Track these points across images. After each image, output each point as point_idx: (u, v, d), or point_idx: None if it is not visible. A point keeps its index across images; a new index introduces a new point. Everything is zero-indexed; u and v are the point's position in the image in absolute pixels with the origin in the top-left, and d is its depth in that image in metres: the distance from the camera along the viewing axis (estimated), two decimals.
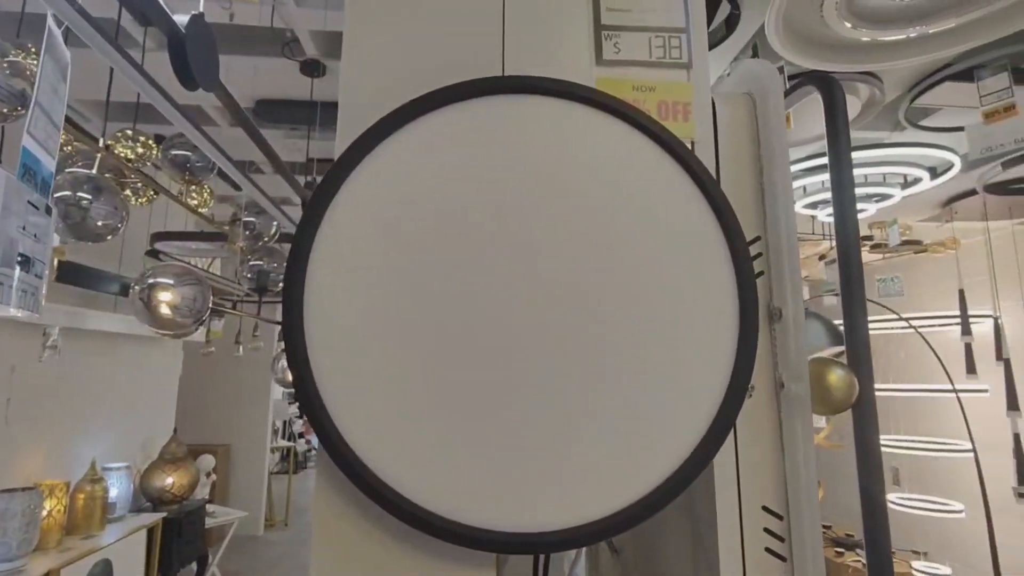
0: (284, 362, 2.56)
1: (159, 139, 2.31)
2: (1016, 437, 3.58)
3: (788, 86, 0.66)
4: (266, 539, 6.35)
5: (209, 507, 4.50)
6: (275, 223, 2.29)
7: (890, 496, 4.54)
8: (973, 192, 3.54)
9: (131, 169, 1.75)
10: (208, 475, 4.50)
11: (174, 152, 1.99)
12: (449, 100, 0.50)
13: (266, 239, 2.27)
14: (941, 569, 4.39)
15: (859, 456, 0.54)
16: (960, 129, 2.65)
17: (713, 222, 0.49)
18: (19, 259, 0.75)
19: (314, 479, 0.51)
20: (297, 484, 7.81)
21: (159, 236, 3.11)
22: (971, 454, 3.87)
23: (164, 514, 3.72)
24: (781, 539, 0.51)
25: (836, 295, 3.62)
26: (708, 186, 0.50)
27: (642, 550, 0.74)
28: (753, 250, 0.54)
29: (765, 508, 0.51)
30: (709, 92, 0.57)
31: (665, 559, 0.69)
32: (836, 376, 0.50)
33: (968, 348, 3.87)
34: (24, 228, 0.76)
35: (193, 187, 2.37)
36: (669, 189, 0.50)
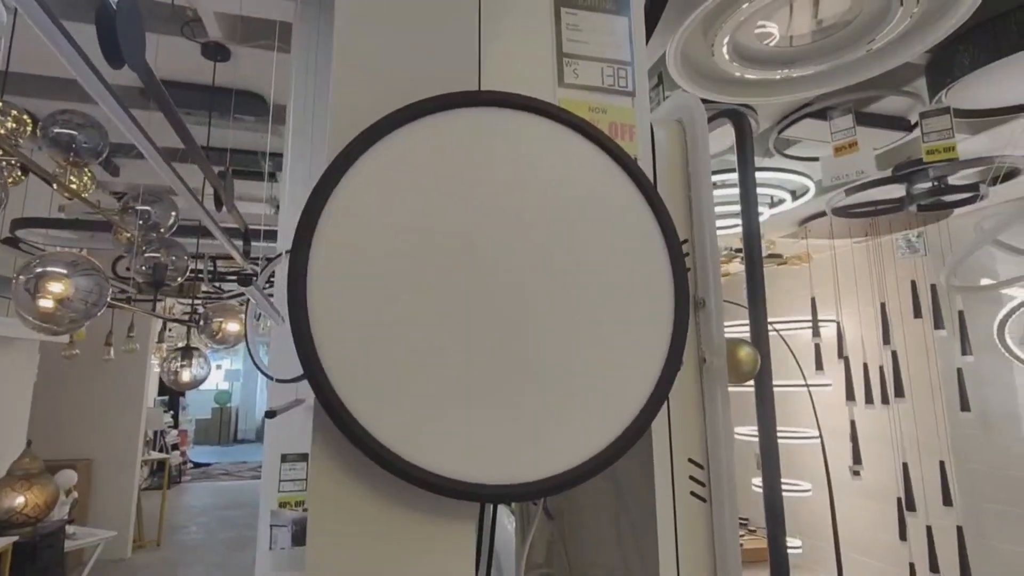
0: (176, 364, 2.38)
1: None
2: (852, 423, 4.21)
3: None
4: (134, 562, 5.75)
5: (69, 528, 4.00)
6: (173, 213, 2.12)
7: (753, 480, 5.12)
8: (823, 214, 4.12)
9: (9, 146, 1.56)
10: (68, 493, 4.00)
11: (57, 130, 1.79)
12: (435, 109, 0.56)
13: (162, 230, 2.09)
14: (792, 541, 5.03)
15: (759, 417, 0.67)
16: (815, 159, 3.10)
17: (655, 225, 0.59)
18: None
19: (311, 458, 0.54)
20: (171, 500, 7.14)
21: (20, 223, 2.76)
22: (818, 440, 4.49)
23: (15, 538, 3.26)
24: (703, 484, 0.62)
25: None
26: (651, 194, 0.60)
27: (572, 514, 0.84)
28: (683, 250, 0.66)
29: (691, 460, 0.63)
30: (649, 117, 0.68)
31: (592, 522, 0.79)
32: (745, 352, 0.63)
33: (817, 348, 4.49)
34: None
35: (72, 170, 2.15)
36: (620, 195, 0.59)
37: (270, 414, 1.31)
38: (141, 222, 2.05)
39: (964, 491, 4.02)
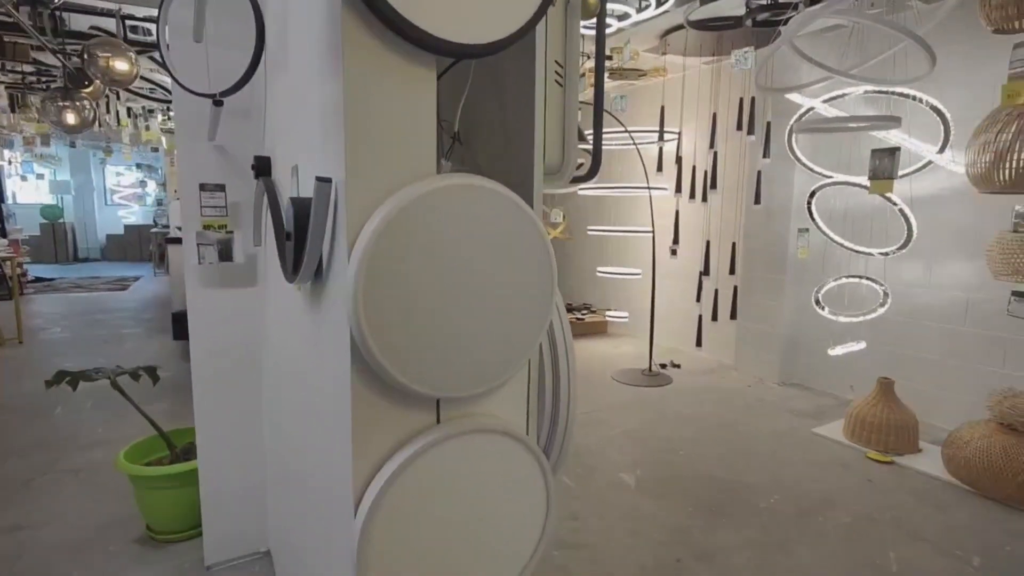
0: (58, 103, 2.28)
1: None
2: (676, 212, 5.21)
3: None
4: None
5: None
6: None
7: (599, 268, 6.20)
8: (682, 27, 4.59)
9: None
10: None
11: None
12: None
13: None
14: (621, 313, 6.34)
15: (596, 52, 1.13)
16: None
17: None
18: None
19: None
20: (20, 309, 6.74)
21: None
22: (651, 233, 5.51)
23: None
24: (561, 76, 1.08)
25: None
26: None
27: (476, 138, 1.27)
28: None
29: (556, 61, 1.07)
30: None
31: (487, 137, 1.23)
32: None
33: (660, 151, 5.29)
34: None
35: None
36: None
37: (218, 103, 1.54)
38: None
39: (744, 264, 5.32)
